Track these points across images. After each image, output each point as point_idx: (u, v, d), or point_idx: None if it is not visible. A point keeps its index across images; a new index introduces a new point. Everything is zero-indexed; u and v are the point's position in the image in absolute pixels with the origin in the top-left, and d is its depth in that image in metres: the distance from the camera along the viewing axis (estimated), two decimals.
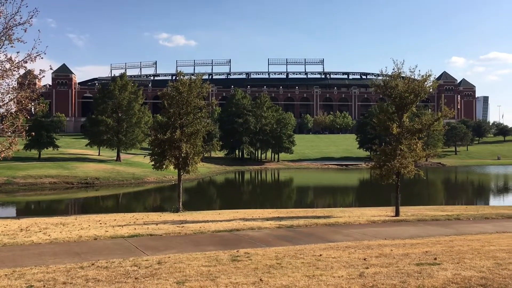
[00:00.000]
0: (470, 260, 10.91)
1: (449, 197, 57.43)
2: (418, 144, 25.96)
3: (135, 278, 9.75)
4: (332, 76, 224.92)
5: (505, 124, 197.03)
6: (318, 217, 24.22)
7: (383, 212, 27.96)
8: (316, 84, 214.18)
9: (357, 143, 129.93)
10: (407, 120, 26.48)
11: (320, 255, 12.17)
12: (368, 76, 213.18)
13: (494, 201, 53.14)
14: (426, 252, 12.45)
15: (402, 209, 26.88)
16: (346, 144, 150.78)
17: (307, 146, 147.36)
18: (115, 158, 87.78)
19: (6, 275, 10.43)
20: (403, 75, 26.76)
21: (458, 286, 8.48)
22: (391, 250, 12.96)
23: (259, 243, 15.42)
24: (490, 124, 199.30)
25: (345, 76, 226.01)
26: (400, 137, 25.68)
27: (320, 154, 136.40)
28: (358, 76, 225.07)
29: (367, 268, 10.31)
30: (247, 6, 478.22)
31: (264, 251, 13.13)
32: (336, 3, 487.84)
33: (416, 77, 26.67)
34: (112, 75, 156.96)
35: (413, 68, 26.85)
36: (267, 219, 23.74)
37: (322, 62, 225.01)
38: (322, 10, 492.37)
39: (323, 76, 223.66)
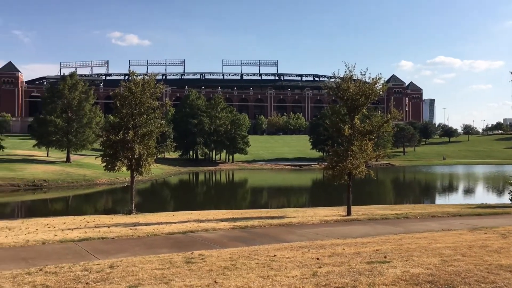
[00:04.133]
0: (418, 258, 11.32)
1: (398, 196, 59.37)
2: (369, 145, 26.64)
3: (86, 283, 9.48)
4: (285, 77, 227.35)
5: (450, 125, 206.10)
6: (272, 218, 24.40)
7: (336, 212, 28.53)
8: (270, 86, 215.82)
9: (310, 144, 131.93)
10: (358, 121, 27.11)
11: (274, 255, 12.27)
12: (321, 78, 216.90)
13: (440, 199, 55.43)
14: (377, 250, 12.81)
15: (354, 208, 27.53)
16: (300, 145, 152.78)
17: (262, 147, 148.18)
18: (64, 160, 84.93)
19: None
20: (354, 78, 27.40)
21: (407, 283, 8.78)
22: (343, 249, 13.25)
23: (214, 245, 15.36)
24: (436, 125, 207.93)
25: (299, 78, 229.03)
26: (352, 139, 26.28)
27: (274, 155, 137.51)
28: (311, 78, 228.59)
29: (320, 267, 10.49)
30: (202, 6, 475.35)
31: (219, 253, 13.09)
32: (290, 6, 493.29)
33: (367, 80, 27.38)
34: (62, 74, 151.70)
35: (364, 71, 27.55)
36: (222, 220, 23.68)
37: (276, 63, 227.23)
38: (276, 13, 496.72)
39: (277, 78, 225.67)
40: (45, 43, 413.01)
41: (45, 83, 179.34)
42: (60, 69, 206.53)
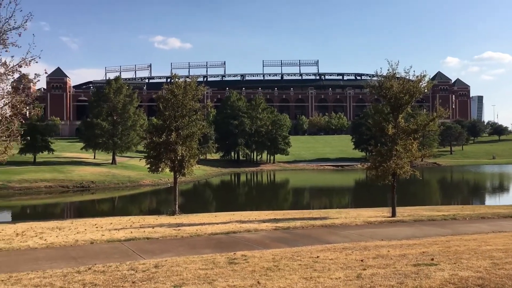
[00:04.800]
0: (467, 260, 10.94)
1: (445, 197, 57.61)
2: (414, 145, 26.03)
3: (132, 282, 9.72)
4: (326, 77, 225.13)
5: (499, 123, 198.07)
6: (315, 219, 24.24)
7: (380, 213, 28.02)
8: (311, 85, 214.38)
9: (352, 144, 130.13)
10: (403, 120, 26.55)
11: (317, 256, 12.17)
12: (363, 77, 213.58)
13: (490, 200, 53.38)
14: (423, 252, 12.49)
15: (399, 209, 26.96)
16: (342, 145, 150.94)
17: (303, 147, 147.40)
18: (110, 161, 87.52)
19: (2, 280, 10.37)
20: (398, 76, 26.85)
21: (456, 287, 8.50)
22: (388, 251, 12.98)
23: (256, 246, 15.40)
24: (485, 123, 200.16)
25: (340, 77, 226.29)
26: (396, 138, 25.75)
27: (316, 155, 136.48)
28: (353, 77, 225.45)
29: (365, 269, 10.32)
30: (241, 8, 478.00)
31: (261, 254, 13.11)
32: (330, 4, 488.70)
33: (411, 78, 26.76)
34: (107, 78, 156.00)
35: (407, 69, 26.95)
36: (264, 221, 23.73)
37: (316, 63, 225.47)
38: (316, 11, 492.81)
39: (317, 77, 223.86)
40: (91, 49, 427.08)
41: (91, 87, 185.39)
42: (106, 73, 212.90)
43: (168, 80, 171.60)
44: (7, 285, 9.87)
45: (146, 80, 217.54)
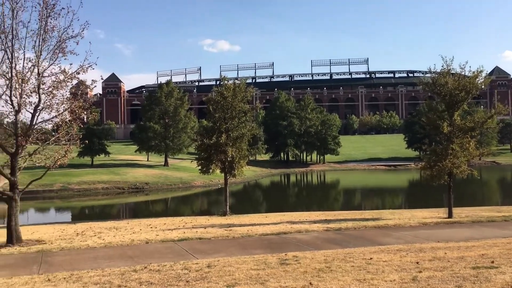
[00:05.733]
0: None
1: (505, 197, 54.94)
2: (471, 143, 25.05)
3: (186, 281, 9.93)
4: (377, 75, 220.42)
5: None
6: (367, 220, 23.81)
7: (435, 214, 27.14)
8: (361, 84, 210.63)
9: (405, 143, 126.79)
10: (459, 118, 25.62)
11: (371, 258, 11.95)
12: (415, 74, 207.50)
13: None
14: (483, 255, 11.98)
15: (455, 210, 26.00)
16: (394, 144, 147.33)
17: (353, 147, 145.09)
18: (163, 163, 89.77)
19: (64, 278, 10.88)
20: (452, 72, 25.93)
21: None
22: (445, 253, 12.55)
23: (307, 246, 15.31)
24: None
25: (391, 75, 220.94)
26: (452, 136, 24.88)
27: (367, 155, 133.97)
28: (405, 75, 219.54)
29: (420, 272, 10.03)
30: (288, 9, 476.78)
31: (313, 255, 13.02)
32: (379, 0, 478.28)
33: (466, 74, 25.77)
34: (159, 82, 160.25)
35: (463, 64, 25.94)
36: (315, 222, 23.56)
37: (366, 61, 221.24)
38: (365, 8, 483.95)
39: (368, 76, 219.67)
40: (144, 54, 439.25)
41: (144, 91, 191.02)
42: (157, 78, 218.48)
43: (218, 82, 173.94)
44: (68, 283, 10.35)
45: (196, 83, 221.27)
